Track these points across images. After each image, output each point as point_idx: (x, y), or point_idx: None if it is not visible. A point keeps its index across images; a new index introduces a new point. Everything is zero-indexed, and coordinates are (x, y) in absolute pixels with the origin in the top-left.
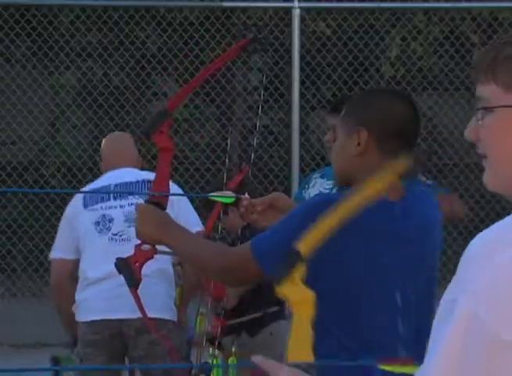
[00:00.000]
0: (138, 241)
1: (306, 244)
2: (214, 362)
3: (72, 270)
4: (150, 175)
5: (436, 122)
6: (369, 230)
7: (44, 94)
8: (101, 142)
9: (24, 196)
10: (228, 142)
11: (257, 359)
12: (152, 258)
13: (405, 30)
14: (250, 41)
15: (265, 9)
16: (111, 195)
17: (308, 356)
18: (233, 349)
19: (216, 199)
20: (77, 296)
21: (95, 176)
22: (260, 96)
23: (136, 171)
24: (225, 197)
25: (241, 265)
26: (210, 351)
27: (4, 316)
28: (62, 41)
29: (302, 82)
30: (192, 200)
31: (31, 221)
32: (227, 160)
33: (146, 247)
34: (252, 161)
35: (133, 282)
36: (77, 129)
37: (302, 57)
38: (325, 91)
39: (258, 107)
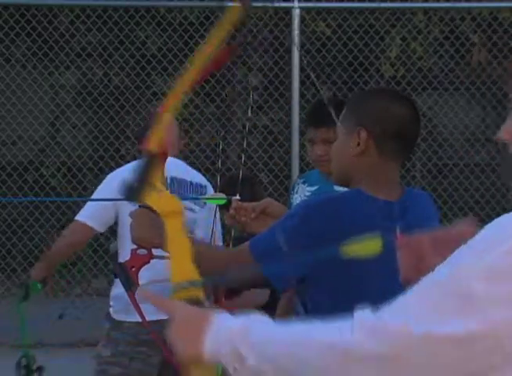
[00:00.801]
0: None
1: (153, 141)
2: None
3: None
4: (201, 179)
5: (436, 122)
6: (367, 230)
7: (44, 94)
8: (101, 142)
9: (24, 196)
10: (220, 146)
11: (144, 292)
12: (148, 262)
13: (405, 30)
14: (236, 46)
15: (265, 9)
16: (169, 192)
17: (190, 273)
18: None
19: (208, 201)
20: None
21: (96, 176)
22: (252, 98)
23: (189, 169)
24: (217, 198)
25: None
26: None
27: (4, 316)
28: (62, 41)
29: (302, 82)
30: None
31: (31, 221)
32: (219, 165)
33: (143, 251)
34: (235, 161)
35: (130, 286)
36: (77, 129)
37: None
38: (325, 91)
39: (258, 108)
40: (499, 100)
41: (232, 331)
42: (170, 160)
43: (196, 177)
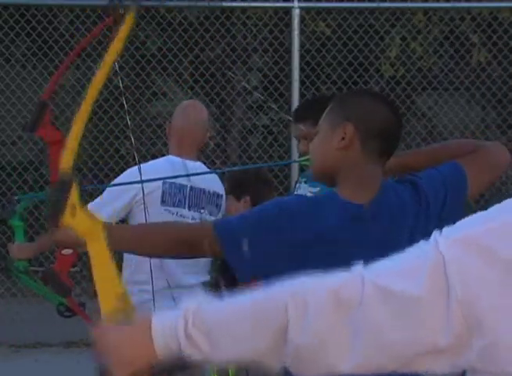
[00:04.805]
0: None
1: (65, 162)
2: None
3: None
4: (218, 186)
5: (436, 122)
6: (338, 232)
7: None
8: (101, 142)
9: (24, 195)
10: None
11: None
12: (76, 260)
13: (405, 30)
14: (112, 21)
15: (265, 9)
16: (186, 202)
17: (118, 299)
18: None
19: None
20: (140, 299)
21: (95, 176)
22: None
23: (209, 176)
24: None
25: (196, 239)
26: None
27: (4, 316)
28: (62, 41)
29: (302, 82)
30: None
31: (31, 221)
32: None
33: (67, 251)
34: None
35: (66, 292)
36: None
37: (302, 57)
38: (325, 91)
39: (258, 108)
40: (499, 100)
41: (178, 319)
42: (192, 165)
43: (214, 185)
